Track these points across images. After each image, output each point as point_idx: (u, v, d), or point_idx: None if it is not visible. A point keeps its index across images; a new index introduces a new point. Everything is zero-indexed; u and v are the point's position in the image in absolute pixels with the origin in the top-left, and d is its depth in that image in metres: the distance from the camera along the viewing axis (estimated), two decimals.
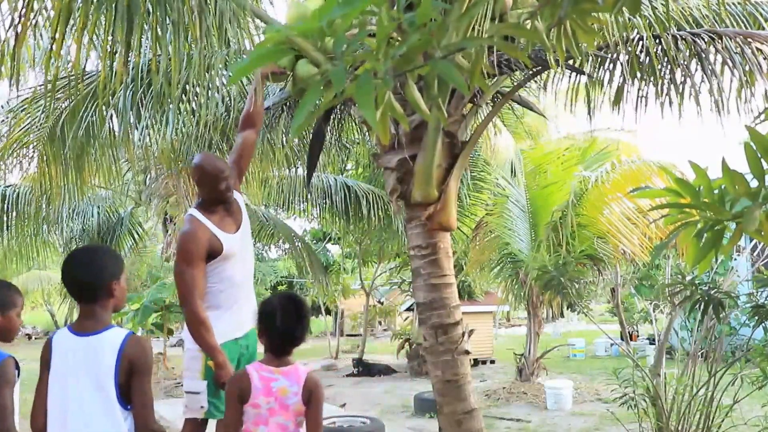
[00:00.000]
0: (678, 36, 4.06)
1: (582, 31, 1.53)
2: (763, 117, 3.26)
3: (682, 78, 4.19)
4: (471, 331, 3.84)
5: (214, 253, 3.00)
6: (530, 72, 4.18)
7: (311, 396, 2.41)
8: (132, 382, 2.14)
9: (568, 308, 20.41)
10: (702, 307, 4.32)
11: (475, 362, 13.47)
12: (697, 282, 4.47)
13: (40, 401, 2.19)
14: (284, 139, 5.83)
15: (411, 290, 13.07)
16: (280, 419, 2.38)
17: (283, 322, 2.42)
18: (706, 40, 4.02)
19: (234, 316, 3.08)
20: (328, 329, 20.53)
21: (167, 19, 3.06)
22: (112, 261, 2.29)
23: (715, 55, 4.03)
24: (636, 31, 4.07)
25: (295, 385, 2.40)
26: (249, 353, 3.15)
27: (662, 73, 4.20)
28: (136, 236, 12.48)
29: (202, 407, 2.96)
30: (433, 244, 3.73)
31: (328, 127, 4.87)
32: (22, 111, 5.12)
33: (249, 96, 3.62)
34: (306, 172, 4.97)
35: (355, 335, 20.04)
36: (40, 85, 4.97)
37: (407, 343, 13.29)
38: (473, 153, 8.73)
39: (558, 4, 1.33)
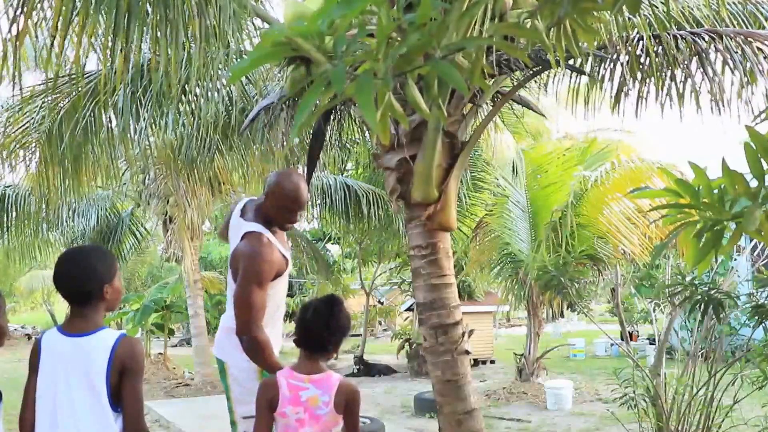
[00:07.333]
0: (678, 36, 4.05)
1: (582, 30, 1.52)
2: (763, 117, 3.26)
3: (683, 78, 4.18)
4: (471, 331, 3.83)
5: (279, 273, 2.84)
6: (530, 72, 4.17)
7: (347, 405, 2.29)
8: (123, 384, 2.11)
9: (568, 308, 20.39)
10: (702, 307, 4.30)
11: (475, 362, 13.46)
12: (697, 282, 4.46)
13: (28, 403, 2.17)
14: (284, 138, 5.82)
15: (411, 290, 13.07)
16: (310, 431, 2.26)
17: (312, 327, 2.31)
18: (706, 39, 4.01)
19: (275, 333, 2.94)
20: None
21: (166, 18, 3.05)
22: (104, 264, 2.21)
23: (716, 55, 4.02)
24: (636, 30, 4.06)
25: (326, 395, 2.27)
26: None
27: (662, 73, 4.20)
28: (138, 236, 12.50)
29: None
30: (433, 244, 3.72)
31: (328, 127, 4.87)
32: (19, 111, 5.12)
33: None
34: (306, 172, 4.96)
35: (355, 335, 20.00)
36: (39, 84, 4.97)
37: (407, 343, 13.29)
38: (473, 153, 8.73)
39: (558, 3, 1.33)
